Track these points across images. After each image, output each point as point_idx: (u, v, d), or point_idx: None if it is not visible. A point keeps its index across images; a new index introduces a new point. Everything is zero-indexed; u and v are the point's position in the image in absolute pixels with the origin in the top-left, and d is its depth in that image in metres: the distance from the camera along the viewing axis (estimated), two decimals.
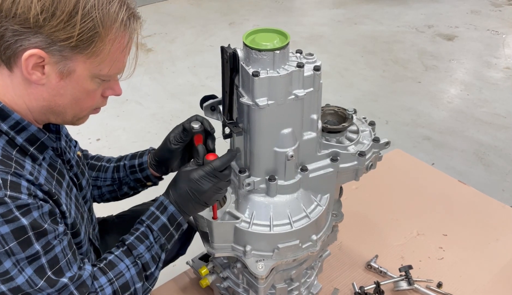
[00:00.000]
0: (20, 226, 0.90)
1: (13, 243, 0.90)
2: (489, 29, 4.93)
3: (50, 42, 0.91)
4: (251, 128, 1.16)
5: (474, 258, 1.75)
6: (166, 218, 1.15)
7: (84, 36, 0.92)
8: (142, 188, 1.46)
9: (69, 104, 1.02)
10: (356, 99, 3.75)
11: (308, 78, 1.13)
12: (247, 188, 1.23)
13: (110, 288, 1.07)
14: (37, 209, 0.93)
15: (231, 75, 1.14)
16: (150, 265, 1.14)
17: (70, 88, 0.98)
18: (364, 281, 1.64)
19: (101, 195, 1.46)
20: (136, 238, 1.13)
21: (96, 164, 1.45)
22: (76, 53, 0.94)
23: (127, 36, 0.99)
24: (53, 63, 0.94)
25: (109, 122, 3.42)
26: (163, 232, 1.15)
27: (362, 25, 5.10)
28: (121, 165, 1.44)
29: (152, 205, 1.17)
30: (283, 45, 1.09)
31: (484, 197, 2.04)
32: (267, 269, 1.24)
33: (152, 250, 1.14)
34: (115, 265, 1.10)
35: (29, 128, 0.99)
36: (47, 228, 0.95)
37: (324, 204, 1.29)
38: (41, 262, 0.95)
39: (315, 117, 1.20)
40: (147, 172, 1.40)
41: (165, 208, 1.15)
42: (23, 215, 0.91)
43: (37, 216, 0.93)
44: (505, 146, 3.19)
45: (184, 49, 4.61)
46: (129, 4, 0.98)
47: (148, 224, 1.15)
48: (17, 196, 0.90)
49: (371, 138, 1.33)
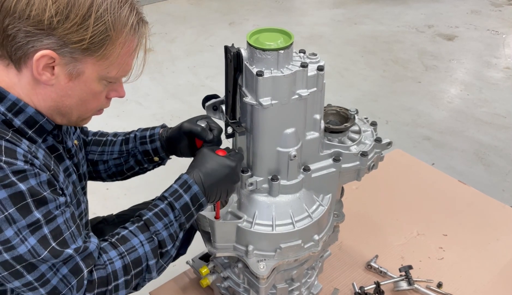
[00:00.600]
0: (18, 191, 0.90)
1: (12, 209, 0.90)
2: (489, 29, 4.94)
3: (62, 44, 0.93)
4: (254, 128, 1.16)
5: (474, 258, 1.75)
6: (189, 197, 1.13)
7: (96, 39, 0.94)
8: (148, 165, 1.44)
9: (75, 105, 1.03)
10: (356, 99, 3.75)
11: (312, 78, 1.13)
12: (249, 188, 1.23)
13: (120, 262, 1.05)
14: (34, 176, 0.93)
15: (234, 75, 1.14)
16: (167, 243, 1.11)
17: (78, 89, 1.00)
18: (364, 281, 1.64)
19: (106, 169, 1.45)
20: (155, 215, 1.11)
21: (101, 139, 1.45)
22: (86, 55, 0.96)
23: (136, 40, 1.02)
24: (63, 65, 0.95)
25: (109, 122, 3.41)
26: (184, 211, 1.13)
27: (362, 25, 5.10)
28: (131, 136, 1.43)
29: (175, 183, 1.15)
30: (287, 45, 1.09)
31: (484, 197, 2.05)
32: (268, 269, 1.24)
33: (171, 228, 1.12)
34: (127, 239, 1.08)
35: (26, 110, 0.99)
36: (46, 196, 0.94)
37: (326, 204, 1.29)
38: (44, 232, 0.94)
39: (318, 117, 1.20)
40: (157, 144, 1.39)
41: (189, 187, 1.13)
42: (20, 181, 0.90)
43: (35, 184, 0.93)
44: (505, 146, 3.19)
45: (184, 49, 4.61)
46: (138, 9, 1.01)
47: (171, 202, 1.12)
48: (12, 161, 0.90)
49: (373, 138, 1.33)
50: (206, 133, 1.26)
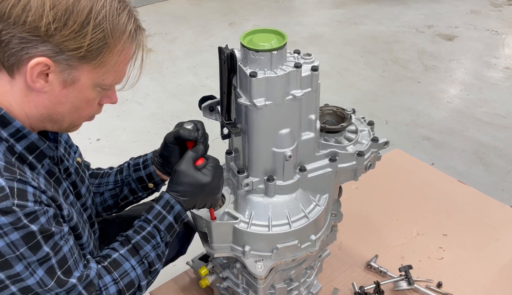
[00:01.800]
0: (30, 232, 0.91)
1: (23, 248, 0.91)
2: (489, 29, 4.93)
3: (58, 51, 0.90)
4: (249, 129, 1.16)
5: (474, 258, 1.75)
6: (173, 217, 1.16)
7: (93, 47, 0.92)
8: (142, 193, 1.44)
9: (68, 112, 1.01)
10: (356, 99, 3.74)
11: (306, 78, 1.13)
12: (245, 188, 1.23)
13: (114, 287, 1.08)
14: (44, 214, 0.94)
15: (228, 76, 1.14)
16: (155, 263, 1.15)
17: (71, 96, 0.98)
18: (364, 281, 1.64)
19: (102, 202, 1.45)
20: (143, 238, 1.14)
21: (99, 172, 1.46)
22: (83, 63, 0.94)
23: (134, 48, 1.00)
24: (58, 72, 0.93)
25: (109, 122, 3.41)
26: (169, 231, 1.17)
27: (362, 25, 5.09)
28: (125, 166, 1.44)
29: (157, 203, 1.17)
30: (280, 45, 1.09)
31: (484, 197, 2.04)
32: (266, 269, 1.24)
33: (159, 249, 1.16)
34: (120, 264, 1.11)
35: (29, 137, 0.98)
36: (54, 230, 0.96)
37: (323, 204, 1.29)
38: (52, 263, 0.96)
39: (313, 118, 1.20)
40: (150, 169, 1.39)
41: (172, 207, 1.16)
42: (31, 222, 0.91)
43: (44, 221, 0.94)
44: (505, 146, 3.18)
45: (184, 49, 4.61)
46: (135, 16, 0.99)
47: (156, 224, 1.15)
48: (24, 204, 0.90)
49: (370, 138, 1.33)
50: (189, 132, 1.23)
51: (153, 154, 1.40)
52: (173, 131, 1.27)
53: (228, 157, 1.30)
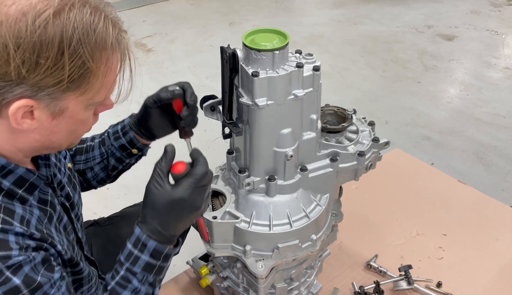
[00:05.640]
0: (13, 286, 0.83)
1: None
2: (488, 29, 4.93)
3: (37, 89, 0.81)
4: (251, 129, 1.16)
5: (474, 258, 1.75)
6: (148, 255, 1.01)
7: (75, 76, 0.82)
8: (129, 159, 1.38)
9: (64, 138, 0.95)
10: (356, 99, 3.75)
11: (308, 78, 1.13)
12: (246, 188, 1.23)
13: None
14: (29, 263, 0.86)
15: (230, 76, 1.14)
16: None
17: (64, 124, 0.90)
18: (363, 281, 1.65)
19: (94, 176, 1.39)
20: (117, 284, 1.02)
21: (82, 146, 1.39)
22: (68, 93, 0.85)
23: (118, 55, 0.90)
24: (43, 108, 0.84)
25: (109, 122, 3.40)
26: (149, 270, 1.02)
27: (362, 25, 5.10)
28: (105, 136, 1.38)
29: (129, 240, 1.03)
30: (282, 45, 1.09)
31: (483, 197, 2.05)
32: (267, 268, 1.24)
33: (140, 293, 1.03)
34: None
35: (16, 171, 0.91)
36: (40, 281, 0.87)
37: (323, 204, 1.29)
38: None
39: (315, 117, 1.20)
40: (130, 135, 1.32)
41: (144, 245, 1.00)
42: (14, 274, 0.83)
43: (29, 270, 0.86)
44: (505, 146, 3.19)
45: (184, 49, 4.61)
46: (113, 20, 0.87)
47: (128, 267, 1.01)
48: (6, 254, 0.83)
49: (371, 138, 1.33)
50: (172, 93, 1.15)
51: (130, 119, 1.34)
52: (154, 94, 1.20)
53: (229, 156, 1.30)
